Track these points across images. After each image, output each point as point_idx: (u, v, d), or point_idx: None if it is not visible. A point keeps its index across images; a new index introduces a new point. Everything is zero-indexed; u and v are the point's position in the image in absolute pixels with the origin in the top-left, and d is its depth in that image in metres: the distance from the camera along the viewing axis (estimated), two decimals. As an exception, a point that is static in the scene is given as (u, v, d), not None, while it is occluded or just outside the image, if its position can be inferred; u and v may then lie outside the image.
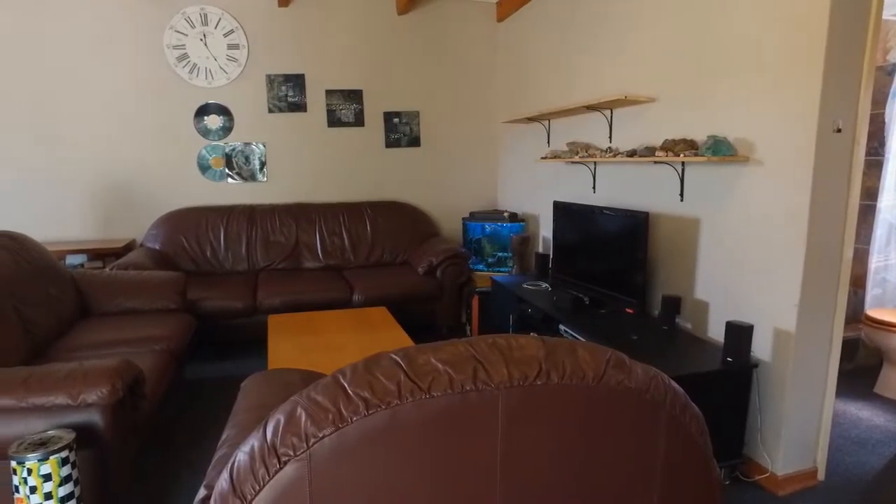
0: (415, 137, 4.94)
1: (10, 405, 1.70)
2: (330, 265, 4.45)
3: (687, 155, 2.52)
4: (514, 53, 4.73)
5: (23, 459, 1.54)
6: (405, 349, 1.04)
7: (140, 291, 3.25)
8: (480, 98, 5.07)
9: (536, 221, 4.53)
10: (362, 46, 4.75)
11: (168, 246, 4.21)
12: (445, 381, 0.96)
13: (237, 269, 4.30)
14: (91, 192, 4.46)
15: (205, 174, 4.59)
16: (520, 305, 3.55)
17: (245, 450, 0.98)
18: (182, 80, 4.47)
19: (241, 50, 4.53)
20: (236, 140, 4.61)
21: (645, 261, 2.76)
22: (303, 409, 0.95)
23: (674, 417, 1.10)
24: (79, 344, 2.70)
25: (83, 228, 4.49)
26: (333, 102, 4.73)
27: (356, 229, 4.55)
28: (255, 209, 4.46)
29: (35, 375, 1.77)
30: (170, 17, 4.40)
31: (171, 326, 2.94)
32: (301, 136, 4.71)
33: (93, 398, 1.76)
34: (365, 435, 0.93)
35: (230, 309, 3.64)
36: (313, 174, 4.77)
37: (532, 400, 1.01)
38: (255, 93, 4.60)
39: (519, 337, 1.10)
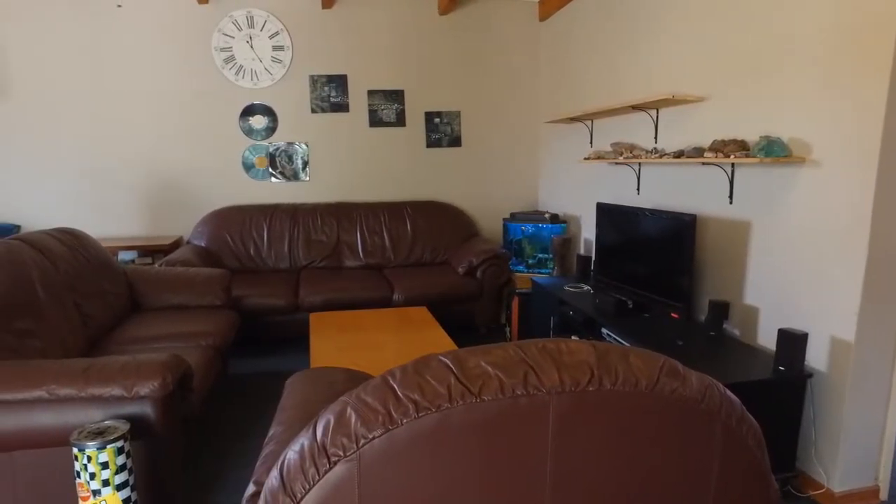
0: (456, 137, 4.93)
1: (72, 395, 1.77)
2: (370, 264, 4.48)
3: (738, 156, 2.44)
4: (556, 53, 4.68)
5: (83, 447, 1.60)
6: (454, 352, 1.04)
7: (187, 288, 3.33)
8: (522, 98, 5.03)
9: (578, 223, 4.47)
10: (404, 47, 4.77)
11: (213, 243, 4.31)
12: (496, 385, 0.95)
13: (279, 267, 4.37)
14: (141, 191, 4.61)
15: (249, 173, 4.69)
16: (561, 308, 3.51)
17: (295, 448, 0.99)
18: (229, 81, 4.58)
19: (286, 51, 4.61)
20: (280, 140, 4.69)
21: (692, 264, 2.69)
22: (353, 410, 0.95)
23: (730, 429, 1.06)
24: (130, 337, 2.79)
25: (134, 225, 4.65)
26: (375, 102, 4.77)
27: (397, 229, 4.57)
28: (298, 208, 4.54)
29: (94, 367, 1.84)
30: (218, 20, 4.50)
31: (217, 323, 3.00)
32: (343, 136, 4.77)
33: (145, 391, 1.81)
34: (415, 437, 0.93)
35: (272, 306, 3.71)
36: (355, 174, 4.82)
37: (583, 406, 0.99)
38: (298, 93, 4.67)
39: (569, 341, 1.08)
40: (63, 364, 1.87)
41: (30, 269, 2.46)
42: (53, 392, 1.76)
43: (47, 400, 1.77)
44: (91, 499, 1.64)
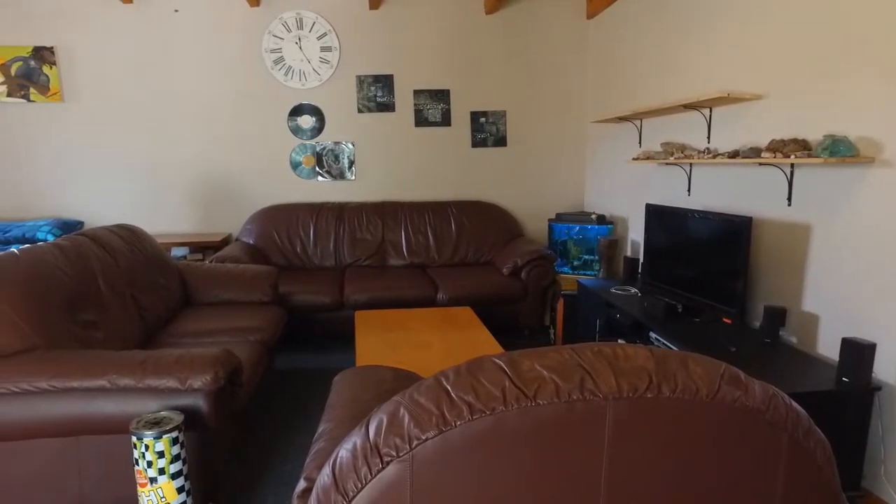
0: (501, 137, 4.91)
1: (130, 385, 1.83)
2: (414, 263, 4.50)
3: (798, 156, 2.34)
4: (604, 51, 4.60)
5: (141, 436, 1.65)
6: (508, 354, 1.02)
7: (236, 284, 3.41)
8: (568, 97, 4.96)
9: (625, 224, 4.38)
10: (450, 46, 4.77)
11: (261, 240, 4.41)
12: (552, 389, 0.93)
13: (325, 265, 4.44)
14: (193, 189, 4.75)
15: (296, 172, 4.78)
16: (607, 310, 3.44)
17: (347, 447, 0.99)
18: (278, 82, 4.67)
19: (333, 52, 4.67)
20: (327, 139, 4.76)
21: (746, 268, 2.60)
22: (406, 411, 0.95)
23: (796, 442, 1.02)
24: (183, 331, 2.87)
25: (186, 222, 4.80)
26: (421, 102, 4.78)
27: (441, 228, 4.58)
28: (344, 207, 4.59)
29: (150, 359, 1.90)
30: (268, 22, 4.60)
31: (265, 318, 3.06)
32: (389, 136, 4.81)
33: (198, 384, 1.86)
34: (468, 440, 0.92)
35: (318, 303, 3.76)
36: (400, 173, 4.86)
37: (641, 413, 0.96)
38: (345, 93, 4.73)
39: (625, 346, 1.05)
40: (123, 355, 1.94)
41: (93, 263, 2.56)
42: (114, 382, 1.83)
43: (108, 389, 1.84)
44: (148, 486, 1.69)
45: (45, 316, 2.09)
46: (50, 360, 1.88)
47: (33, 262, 2.22)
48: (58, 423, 1.85)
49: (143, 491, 1.71)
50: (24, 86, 4.55)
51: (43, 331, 2.05)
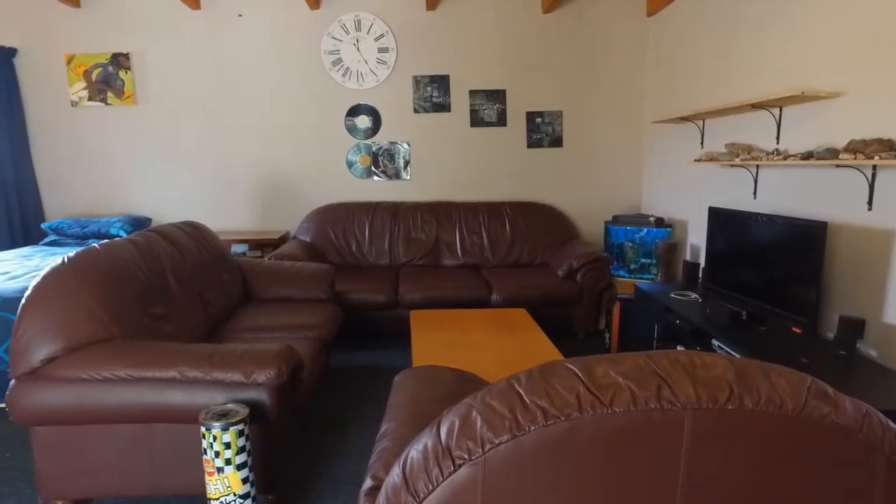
0: (557, 138, 4.85)
1: (199, 377, 1.90)
2: (468, 263, 4.50)
3: (883, 157, 2.21)
4: (665, 49, 4.47)
5: (210, 427, 1.71)
6: (581, 359, 1.00)
7: (294, 281, 3.49)
8: (626, 97, 4.85)
9: (684, 227, 4.25)
10: (506, 46, 4.74)
11: (318, 239, 4.50)
12: (628, 396, 0.91)
13: (379, 264, 4.49)
14: (253, 188, 4.90)
15: (352, 172, 4.86)
16: (666, 316, 3.35)
17: (418, 448, 0.99)
18: (336, 82, 4.76)
19: (390, 53, 4.72)
20: (383, 139, 4.82)
21: (820, 275, 2.47)
22: (478, 414, 0.94)
23: (895, 465, 0.96)
24: (244, 326, 2.95)
25: (245, 220, 4.95)
26: (476, 102, 4.78)
27: (495, 229, 4.56)
28: (399, 206, 4.64)
29: (217, 353, 1.96)
30: (328, 25, 4.69)
31: (322, 316, 3.12)
32: (444, 136, 4.82)
33: (262, 378, 1.91)
34: (542, 446, 0.91)
35: (373, 302, 3.81)
36: (455, 173, 4.86)
37: (721, 425, 0.92)
38: (401, 94, 4.77)
39: (703, 354, 1.02)
40: (192, 348, 2.01)
41: (163, 258, 2.67)
42: (184, 374, 1.90)
43: (179, 380, 1.91)
44: (215, 475, 1.75)
45: (122, 308, 2.19)
46: (127, 351, 1.97)
47: (112, 256, 2.33)
48: (133, 410, 1.94)
49: (210, 479, 1.76)
50: (102, 90, 4.80)
51: (119, 322, 2.14)
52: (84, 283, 2.11)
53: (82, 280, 2.12)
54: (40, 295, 2.03)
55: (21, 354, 1.94)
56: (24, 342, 1.94)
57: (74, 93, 4.82)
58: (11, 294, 2.91)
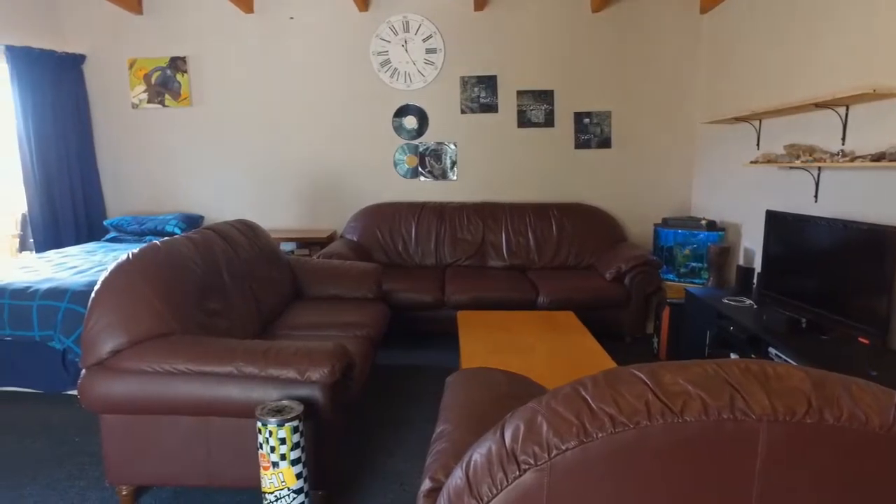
0: (605, 138, 4.77)
1: (254, 373, 1.95)
2: (514, 265, 4.48)
3: (961, 160, 2.09)
4: (718, 47, 4.35)
5: (266, 422, 1.75)
6: (647, 366, 0.98)
7: (343, 280, 3.54)
8: (677, 97, 4.74)
9: (737, 231, 4.12)
10: (555, 46, 4.70)
11: (364, 238, 4.55)
12: (699, 405, 0.88)
13: (425, 264, 4.51)
14: (301, 187, 4.99)
15: (399, 172, 4.90)
16: (719, 322, 3.25)
17: (481, 451, 0.99)
18: (384, 83, 4.81)
19: (438, 54, 4.74)
20: (430, 140, 4.84)
21: (892, 283, 2.36)
22: (544, 419, 0.93)
23: None
24: (294, 323, 3.01)
25: (294, 219, 5.05)
26: (524, 103, 4.75)
27: (542, 230, 4.52)
28: (445, 207, 4.65)
29: (272, 350, 2.00)
30: (376, 26, 4.74)
31: (370, 315, 3.15)
32: (491, 137, 4.81)
33: (316, 376, 1.94)
34: (610, 453, 0.89)
35: (419, 302, 3.83)
36: (502, 174, 4.85)
37: (799, 440, 0.89)
38: (448, 94, 4.78)
39: (775, 364, 0.98)
40: (248, 345, 2.06)
41: (219, 256, 2.75)
42: (240, 369, 1.95)
43: (235, 376, 1.96)
44: (270, 469, 1.79)
45: (181, 303, 2.27)
46: (186, 346, 2.03)
47: (171, 253, 2.41)
48: (191, 402, 2.00)
49: (265, 474, 1.80)
50: (160, 92, 4.98)
51: (178, 317, 2.21)
52: (146, 280, 2.19)
53: (145, 276, 2.20)
54: (107, 290, 2.12)
55: (91, 346, 2.03)
56: (94, 335, 2.03)
57: (135, 95, 5.01)
58: (79, 288, 3.04)
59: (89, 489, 2.33)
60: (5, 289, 3.05)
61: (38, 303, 2.98)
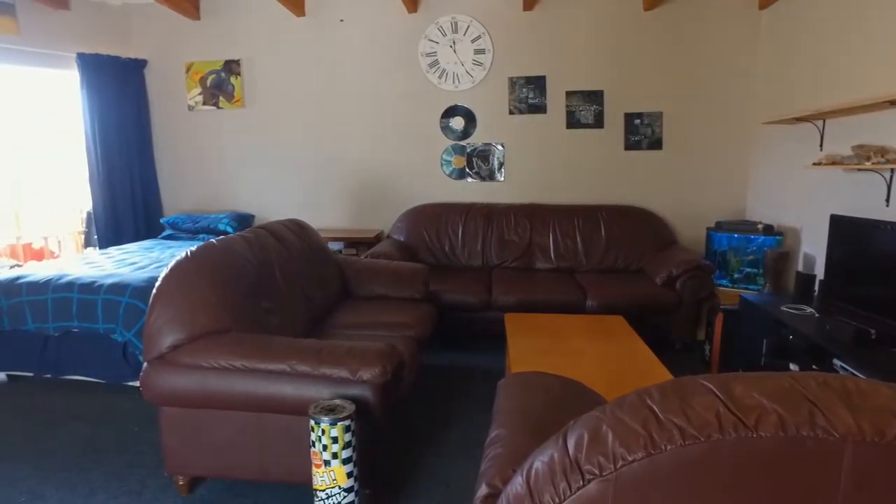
0: (656, 140, 4.66)
1: (307, 372, 1.98)
2: (561, 267, 4.42)
3: None
4: (779, 44, 4.18)
5: (319, 420, 1.77)
6: (716, 376, 0.94)
7: (390, 280, 3.56)
8: (733, 96, 4.58)
9: (797, 235, 3.96)
10: (605, 46, 4.61)
11: (411, 238, 4.57)
12: (775, 420, 0.84)
13: (472, 265, 4.50)
14: (350, 187, 5.06)
15: (446, 173, 4.90)
16: (776, 330, 3.13)
17: (543, 459, 0.97)
18: (432, 84, 4.82)
19: (487, 54, 4.72)
20: (477, 140, 4.83)
21: (970, 294, 2.21)
22: (609, 428, 0.91)
23: None
24: (343, 322, 3.04)
25: (341, 218, 5.13)
26: (573, 104, 4.68)
27: (590, 233, 4.45)
28: (492, 208, 4.63)
29: (325, 349, 2.03)
30: (425, 27, 4.76)
31: (418, 315, 3.16)
32: (539, 138, 4.76)
33: (367, 376, 1.96)
34: (679, 466, 0.86)
35: (465, 303, 3.82)
36: (550, 175, 4.79)
37: (891, 464, 0.83)
38: (497, 95, 4.76)
39: (857, 380, 0.93)
40: (301, 343, 2.09)
41: (272, 254, 2.81)
42: (294, 367, 1.98)
43: (289, 374, 2.00)
44: (322, 467, 1.81)
45: (236, 301, 2.32)
46: (242, 343, 2.08)
47: (227, 251, 2.47)
48: (245, 398, 2.04)
49: (317, 471, 1.83)
50: (215, 95, 5.13)
51: (233, 314, 2.27)
52: (204, 278, 2.25)
53: (202, 274, 2.26)
54: (167, 287, 2.19)
55: (152, 341, 2.10)
56: (155, 330, 2.10)
57: (191, 98, 5.17)
58: (139, 283, 3.16)
59: (149, 477, 2.41)
60: (74, 283, 3.20)
61: (102, 297, 3.11)
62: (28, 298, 3.21)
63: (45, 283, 3.24)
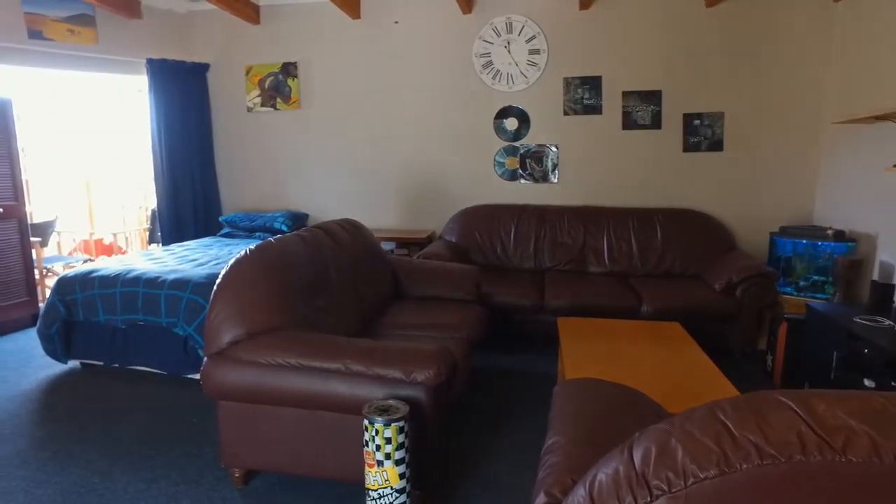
0: (717, 141, 4.49)
1: (361, 371, 1.99)
2: (615, 271, 4.32)
3: None
4: (856, 38, 3.96)
5: (373, 420, 1.78)
6: (795, 393, 0.89)
7: (442, 281, 3.56)
8: (802, 95, 4.37)
9: (871, 242, 3.74)
10: (664, 44, 4.48)
11: (463, 239, 4.56)
12: (867, 444, 0.78)
13: (524, 267, 4.45)
14: (402, 187, 5.09)
15: (499, 174, 4.87)
16: (848, 343, 2.95)
17: (607, 471, 0.94)
18: (486, 85, 4.80)
19: (541, 54, 4.66)
20: (531, 142, 4.78)
21: None
22: (678, 442, 0.87)
23: None
24: (395, 322, 3.06)
25: (393, 219, 5.17)
26: (630, 104, 4.57)
27: (646, 236, 4.33)
28: (545, 210, 4.57)
29: (379, 349, 2.04)
30: (479, 28, 4.74)
31: (470, 317, 3.14)
32: (594, 139, 4.67)
33: (421, 377, 1.95)
34: (755, 486, 0.81)
35: (518, 305, 3.78)
36: (604, 177, 4.70)
37: None
38: (551, 96, 4.70)
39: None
40: (356, 343, 2.11)
41: (326, 254, 2.85)
42: (348, 367, 2.00)
43: (343, 373, 2.02)
44: (375, 467, 1.82)
45: (292, 299, 2.37)
46: (298, 341, 2.11)
47: (284, 251, 2.52)
48: (300, 395, 2.08)
49: (370, 471, 1.84)
50: (272, 97, 5.26)
51: (290, 312, 2.31)
52: (262, 276, 2.30)
53: (260, 272, 2.31)
54: (227, 285, 2.25)
55: (212, 336, 2.16)
56: (215, 325, 2.16)
57: (250, 99, 5.33)
58: (199, 280, 3.27)
59: (206, 468, 2.49)
60: (140, 278, 3.34)
61: (165, 292, 3.23)
62: (99, 291, 3.37)
63: (114, 277, 3.39)
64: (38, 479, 2.43)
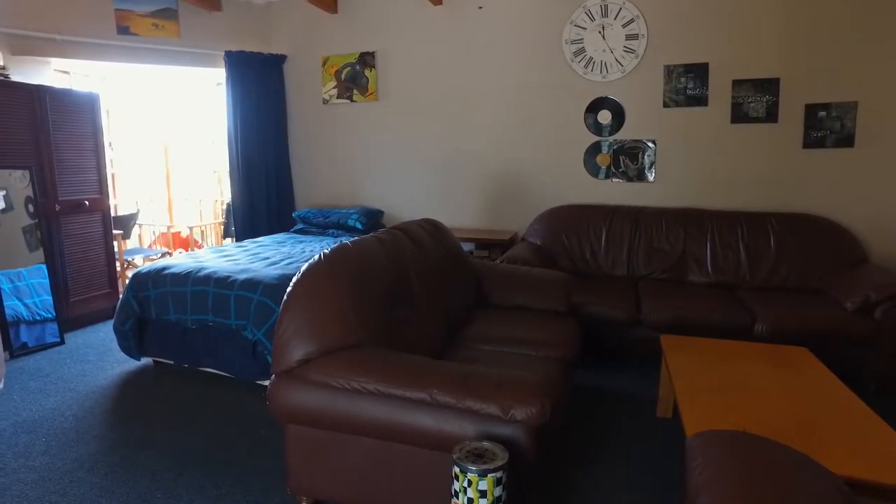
0: (846, 135, 3.91)
1: (450, 403, 1.71)
2: (719, 282, 3.84)
3: None
4: None
5: (465, 469, 1.49)
6: None
7: (531, 289, 3.23)
8: (953, 82, 3.72)
9: None
10: (782, 25, 3.93)
11: (548, 242, 4.21)
12: None
13: (615, 274, 4.05)
14: (483, 185, 4.79)
15: (589, 171, 4.48)
16: None
17: None
18: (577, 74, 4.42)
19: (640, 40, 4.23)
20: (625, 136, 4.35)
21: None
22: None
23: None
24: (481, 335, 2.75)
25: (473, 218, 4.87)
26: (741, 94, 4.06)
27: (756, 244, 3.83)
28: (641, 212, 4.14)
29: (472, 378, 1.75)
30: (571, 11, 4.36)
31: (563, 332, 2.80)
32: (698, 133, 4.19)
33: (521, 416, 1.64)
34: None
35: (611, 318, 3.40)
36: (708, 177, 4.20)
37: None
38: (650, 86, 4.25)
39: None
40: (444, 368, 1.83)
41: (407, 259, 2.59)
42: (435, 397, 1.72)
43: (428, 403, 1.74)
44: (466, 523, 1.53)
45: (370, 311, 2.12)
46: (376, 363, 1.85)
47: (362, 255, 2.28)
48: (376, 425, 1.82)
49: (458, 524, 1.55)
50: (349, 88, 5.09)
51: (368, 326, 2.06)
52: (337, 285, 2.06)
53: (335, 281, 2.07)
54: (299, 294, 2.02)
55: (281, 352, 1.94)
56: (284, 340, 1.94)
57: (326, 91, 5.18)
58: (270, 281, 3.09)
59: (272, 490, 2.29)
60: (210, 277, 3.21)
61: (235, 293, 3.08)
62: (171, 289, 3.27)
63: (185, 275, 3.28)
64: (105, 486, 2.32)
